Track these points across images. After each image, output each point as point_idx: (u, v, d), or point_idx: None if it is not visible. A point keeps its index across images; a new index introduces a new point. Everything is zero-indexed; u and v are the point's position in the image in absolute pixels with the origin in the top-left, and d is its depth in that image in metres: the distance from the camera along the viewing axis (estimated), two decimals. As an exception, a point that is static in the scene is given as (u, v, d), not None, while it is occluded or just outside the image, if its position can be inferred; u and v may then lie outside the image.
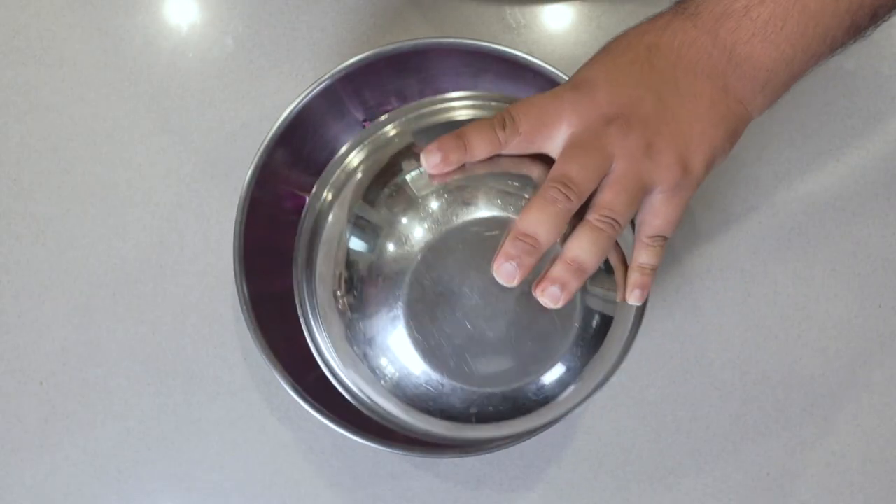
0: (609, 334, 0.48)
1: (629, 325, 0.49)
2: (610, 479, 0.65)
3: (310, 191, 0.63)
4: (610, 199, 0.39)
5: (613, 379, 0.65)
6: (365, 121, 0.63)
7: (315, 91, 0.57)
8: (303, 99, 0.56)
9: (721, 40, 0.39)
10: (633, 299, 0.44)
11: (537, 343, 0.44)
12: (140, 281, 0.66)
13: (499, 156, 0.40)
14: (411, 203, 0.41)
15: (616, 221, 0.39)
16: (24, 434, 0.65)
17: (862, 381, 0.65)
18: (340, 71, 0.56)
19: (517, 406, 0.47)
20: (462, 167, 0.40)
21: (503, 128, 0.39)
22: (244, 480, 0.65)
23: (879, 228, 0.66)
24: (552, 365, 0.45)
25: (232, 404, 0.65)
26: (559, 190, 0.38)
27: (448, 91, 0.62)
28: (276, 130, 0.57)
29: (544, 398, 0.47)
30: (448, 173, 0.40)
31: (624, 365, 0.65)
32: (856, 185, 0.67)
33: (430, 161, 0.39)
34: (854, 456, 0.65)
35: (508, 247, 0.39)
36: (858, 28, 0.40)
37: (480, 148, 0.39)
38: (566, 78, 0.56)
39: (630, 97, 0.39)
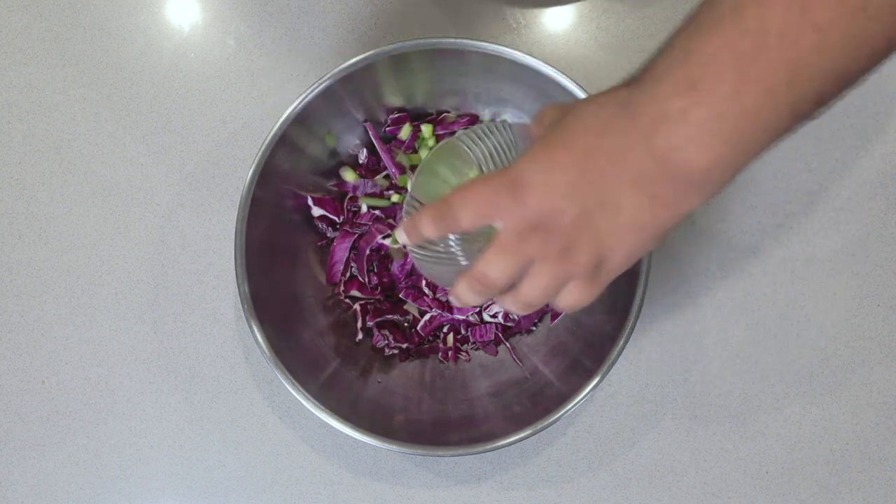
0: None
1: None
2: (610, 479, 0.65)
3: (310, 190, 0.63)
4: (525, 291, 0.44)
5: (613, 378, 0.65)
6: (365, 121, 0.63)
7: (316, 91, 0.57)
8: (304, 99, 0.57)
9: (655, 148, 0.39)
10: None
11: None
12: (141, 280, 0.66)
13: None
14: None
15: (531, 306, 0.45)
16: (27, 432, 0.65)
17: (860, 381, 0.65)
18: (341, 71, 0.57)
19: None
20: None
21: (445, 218, 0.44)
22: (245, 478, 0.65)
23: (879, 228, 0.66)
24: None
25: (233, 403, 0.65)
26: (477, 283, 0.44)
27: (448, 92, 0.63)
28: (278, 130, 0.57)
29: None
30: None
31: (624, 364, 0.65)
32: (855, 185, 0.67)
33: (399, 238, 0.48)
34: (853, 454, 0.65)
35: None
36: (802, 116, 0.38)
37: (429, 234, 0.45)
38: (565, 78, 0.56)
39: (555, 207, 0.42)
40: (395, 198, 0.64)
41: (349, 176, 0.64)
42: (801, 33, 0.35)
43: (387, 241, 0.63)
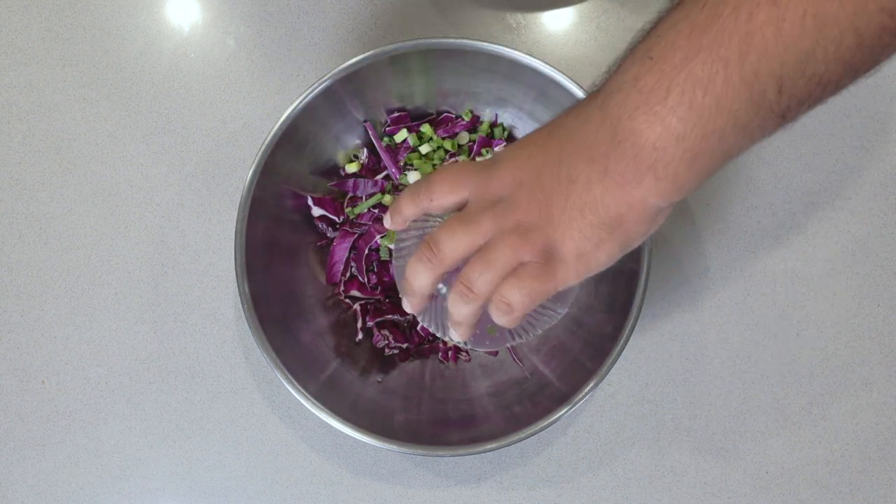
0: None
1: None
2: (610, 479, 0.65)
3: (310, 190, 0.63)
4: (469, 272, 0.42)
5: (613, 378, 0.65)
6: (365, 121, 0.63)
7: (316, 91, 0.57)
8: (304, 99, 0.57)
9: (609, 115, 0.38)
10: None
11: None
12: (142, 280, 0.66)
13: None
14: None
15: (471, 292, 0.42)
16: (27, 432, 0.65)
17: (860, 380, 0.65)
18: (341, 71, 0.57)
19: None
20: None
21: (421, 194, 0.45)
22: (245, 479, 0.65)
23: (879, 228, 0.66)
24: None
25: (233, 403, 0.65)
26: (428, 250, 0.43)
27: (448, 92, 0.63)
28: (278, 130, 0.57)
29: None
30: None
31: (624, 364, 0.65)
32: (855, 184, 0.67)
33: (385, 223, 0.49)
34: (853, 454, 0.65)
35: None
36: (764, 102, 0.35)
37: (409, 212, 0.46)
38: (565, 78, 0.56)
39: (515, 179, 0.42)
40: (387, 199, 0.64)
41: (352, 167, 0.64)
42: (757, 5, 0.34)
43: (385, 241, 0.63)
